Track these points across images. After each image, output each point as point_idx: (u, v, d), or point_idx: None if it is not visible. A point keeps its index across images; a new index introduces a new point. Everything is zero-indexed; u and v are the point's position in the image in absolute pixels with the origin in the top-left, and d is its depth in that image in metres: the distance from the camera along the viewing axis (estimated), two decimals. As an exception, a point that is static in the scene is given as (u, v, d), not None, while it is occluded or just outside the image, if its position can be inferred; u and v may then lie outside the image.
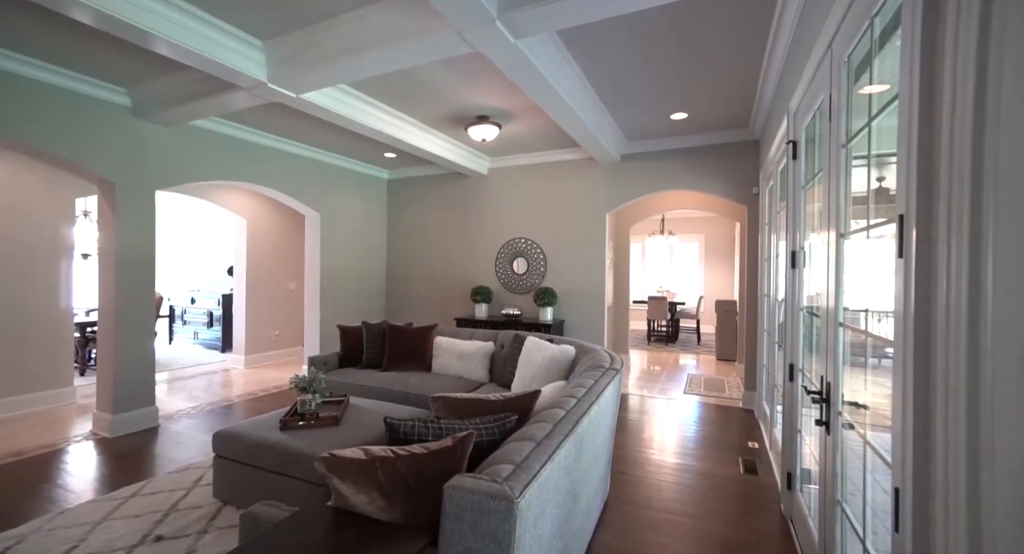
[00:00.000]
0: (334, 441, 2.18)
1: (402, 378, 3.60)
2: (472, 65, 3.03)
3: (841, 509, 1.56)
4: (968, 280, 0.76)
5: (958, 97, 0.80)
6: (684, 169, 4.65)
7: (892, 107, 1.17)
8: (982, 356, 0.73)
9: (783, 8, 2.33)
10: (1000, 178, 0.70)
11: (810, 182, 2.18)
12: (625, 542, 2.21)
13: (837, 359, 1.61)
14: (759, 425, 3.92)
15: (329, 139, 4.78)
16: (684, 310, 8.44)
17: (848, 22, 1.48)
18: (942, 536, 0.81)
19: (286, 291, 6.32)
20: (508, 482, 1.10)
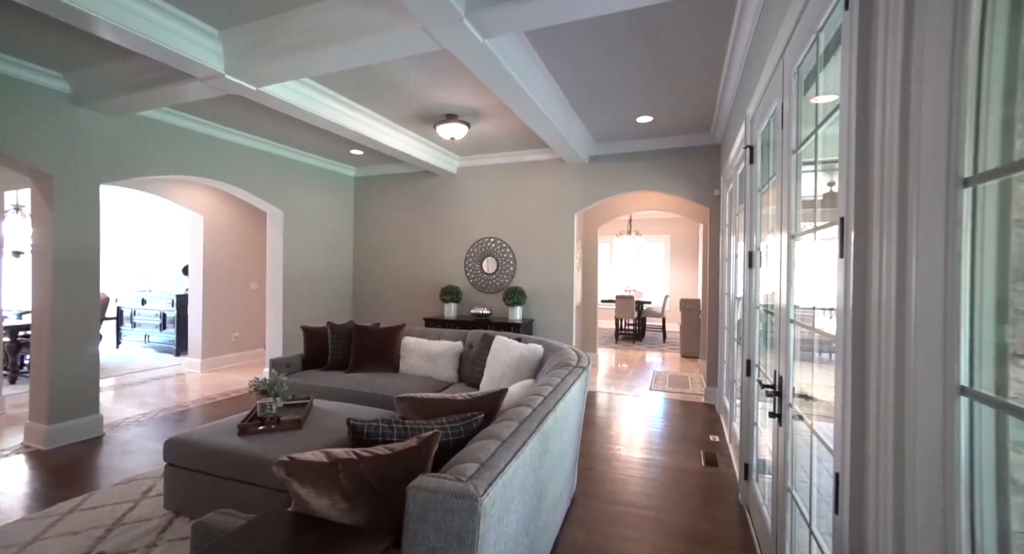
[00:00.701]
0: (296, 445, 2.12)
1: (368, 379, 3.54)
2: (441, 63, 3.00)
3: (791, 496, 1.65)
4: (896, 278, 0.81)
5: (887, 109, 0.86)
6: (650, 171, 4.78)
7: (835, 116, 1.24)
8: (907, 348, 0.79)
9: (740, 19, 2.43)
10: (921, 185, 0.76)
11: (765, 185, 2.29)
12: (591, 536, 2.25)
13: (789, 354, 1.69)
14: (720, 419, 4.07)
15: (293, 134, 4.64)
16: (650, 309, 8.66)
17: (797, 35, 1.56)
18: (873, 516, 0.87)
19: (247, 291, 6.08)
20: (472, 480, 1.10)
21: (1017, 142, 0.67)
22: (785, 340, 1.71)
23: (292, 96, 3.27)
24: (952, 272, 0.70)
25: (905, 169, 0.80)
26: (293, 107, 3.35)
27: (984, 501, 0.68)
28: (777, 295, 1.84)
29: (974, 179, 0.68)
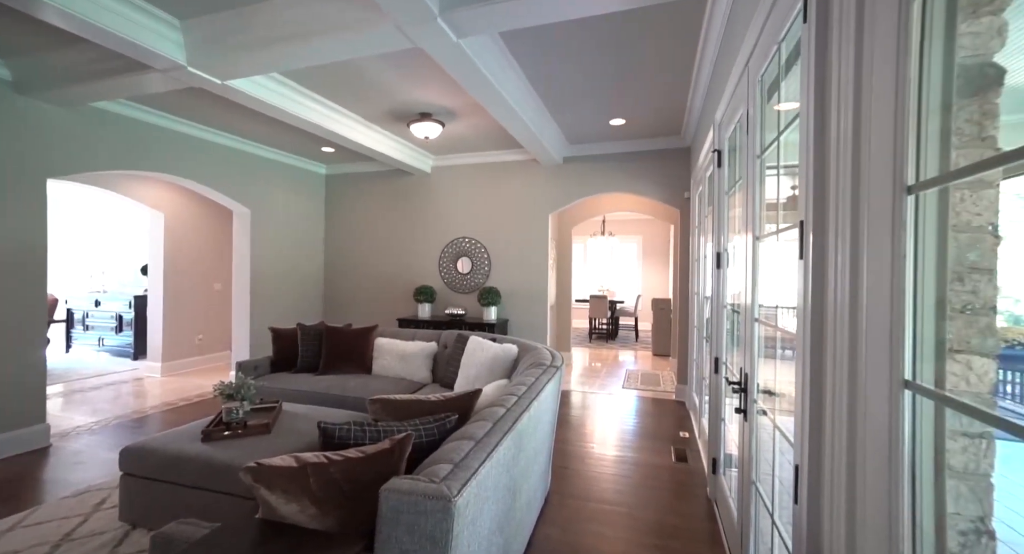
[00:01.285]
0: (264, 450, 2.05)
1: (340, 381, 3.47)
2: (415, 61, 2.97)
3: (756, 488, 1.71)
4: (850, 278, 0.86)
5: (841, 118, 0.91)
6: (623, 173, 4.86)
7: (796, 124, 1.30)
8: (859, 344, 0.83)
9: (708, 27, 2.51)
10: (871, 191, 0.80)
11: (732, 188, 2.37)
12: (565, 534, 2.27)
13: (754, 352, 1.76)
14: (690, 415, 4.19)
15: (261, 130, 4.50)
16: (623, 308, 8.81)
17: (760, 45, 1.62)
18: (828, 504, 0.92)
19: (211, 292, 5.85)
20: (446, 482, 1.10)
21: (954, 153, 0.72)
22: (750, 338, 1.78)
23: (260, 91, 3.17)
24: (898, 273, 0.75)
25: (858, 175, 0.84)
26: (260, 102, 3.25)
27: (924, 486, 0.72)
28: (743, 295, 1.91)
29: (916, 186, 0.72)
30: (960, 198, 0.80)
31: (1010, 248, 1.28)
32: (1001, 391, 2.53)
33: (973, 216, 0.81)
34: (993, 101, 0.80)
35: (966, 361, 0.81)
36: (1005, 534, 0.75)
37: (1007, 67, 0.79)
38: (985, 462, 0.80)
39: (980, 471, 0.80)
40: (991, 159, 0.60)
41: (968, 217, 0.81)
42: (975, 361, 0.81)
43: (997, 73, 0.79)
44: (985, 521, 0.81)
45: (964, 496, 0.81)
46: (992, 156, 0.59)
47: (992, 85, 0.80)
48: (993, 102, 0.80)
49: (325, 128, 3.86)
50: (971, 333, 0.82)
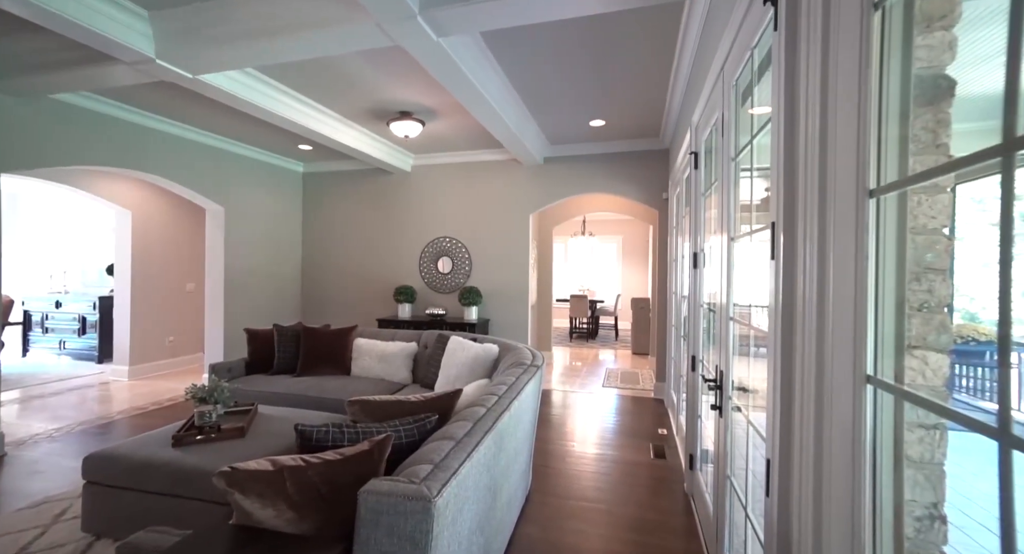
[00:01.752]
0: (239, 454, 2.01)
1: (318, 383, 3.41)
2: (394, 59, 2.95)
3: (730, 483, 1.76)
4: (818, 278, 0.89)
5: (809, 123, 0.94)
6: (603, 174, 4.92)
7: (768, 128, 1.34)
8: (826, 341, 0.87)
9: (686, 32, 2.56)
10: (837, 194, 0.84)
11: (708, 190, 2.42)
12: (545, 532, 2.29)
13: (728, 350, 1.81)
14: (668, 413, 4.27)
15: (235, 126, 4.38)
16: (603, 308, 8.91)
17: (734, 51, 1.67)
18: (797, 496, 0.96)
19: (183, 292, 5.67)
20: (426, 482, 1.10)
21: (911, 159, 0.75)
22: (725, 337, 1.82)
23: (234, 86, 3.09)
24: (861, 273, 0.78)
25: (824, 179, 0.88)
26: (235, 98, 3.17)
27: (883, 476, 0.76)
28: (718, 294, 1.96)
29: (877, 190, 0.76)
30: (917, 202, 0.85)
31: (965, 249, 1.35)
32: (958, 384, 2.66)
33: (929, 219, 0.86)
34: (946, 110, 0.85)
35: (923, 357, 0.86)
36: (955, 518, 0.79)
37: (957, 79, 0.84)
38: (939, 452, 0.85)
39: (934, 460, 0.85)
40: (943, 165, 0.63)
41: (924, 220, 0.85)
42: (931, 356, 0.86)
43: (949, 84, 0.83)
44: (938, 507, 0.85)
45: (920, 484, 0.85)
46: (944, 162, 0.63)
47: (945, 96, 0.85)
48: (946, 111, 0.85)
49: (302, 125, 3.79)
50: (927, 330, 0.86)
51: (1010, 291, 0.50)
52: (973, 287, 1.67)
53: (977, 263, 1.29)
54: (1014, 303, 0.53)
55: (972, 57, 1.04)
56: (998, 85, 0.52)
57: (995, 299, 0.52)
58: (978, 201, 1.54)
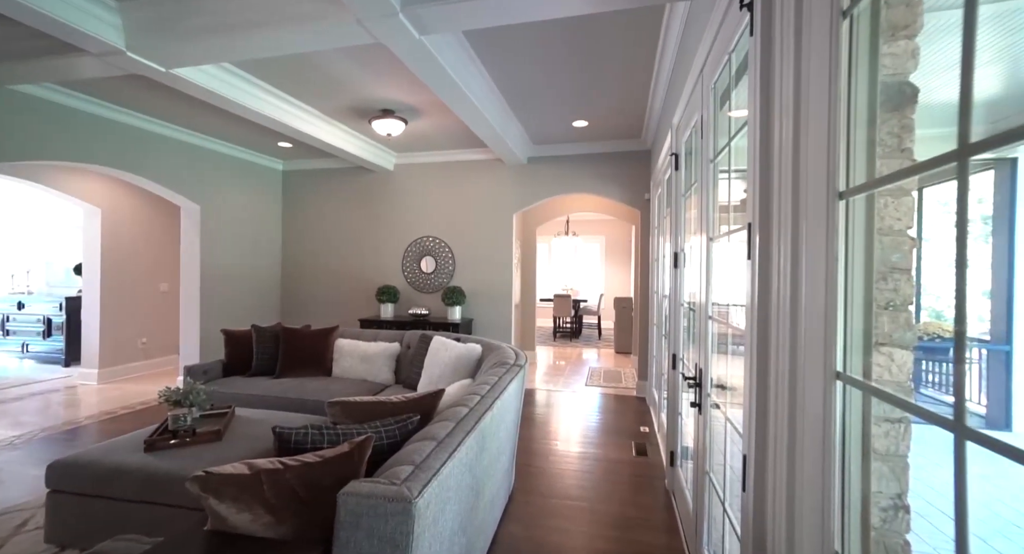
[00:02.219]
0: (215, 458, 1.96)
1: (298, 384, 3.36)
2: (377, 56, 2.91)
3: (709, 478, 1.79)
4: (791, 277, 0.92)
5: (783, 126, 0.97)
6: (586, 174, 4.95)
7: (745, 130, 1.37)
8: (799, 339, 0.89)
9: (666, 34, 2.60)
10: (809, 196, 0.86)
11: (688, 191, 2.46)
12: (528, 530, 2.30)
13: (707, 348, 1.84)
14: (650, 411, 4.32)
15: (212, 122, 4.27)
16: (587, 307, 8.97)
17: (713, 54, 1.70)
18: (771, 490, 0.98)
19: (156, 293, 5.51)
20: (407, 483, 1.09)
21: (878, 162, 0.78)
22: (704, 335, 1.86)
23: (210, 81, 3.01)
24: (831, 273, 0.80)
25: (797, 181, 0.90)
26: (211, 93, 3.09)
27: (852, 468, 0.79)
28: (698, 293, 1.99)
29: (846, 192, 0.79)
30: (884, 204, 0.88)
31: (932, 250, 1.40)
32: (925, 379, 2.77)
33: (894, 221, 0.89)
34: (909, 116, 0.88)
35: (889, 353, 0.89)
36: (919, 506, 0.82)
37: (921, 86, 0.87)
38: (903, 444, 0.88)
39: (899, 453, 0.88)
40: (906, 169, 0.66)
41: (891, 222, 0.88)
42: (896, 353, 0.89)
43: (912, 91, 0.87)
44: (902, 497, 0.89)
45: (885, 476, 0.88)
46: (907, 166, 0.65)
47: (909, 102, 0.88)
48: (909, 117, 0.88)
49: (282, 123, 3.72)
50: (893, 327, 0.89)
51: (965, 290, 0.52)
52: (939, 287, 1.74)
53: (943, 263, 1.34)
54: (969, 302, 0.55)
55: (935, 66, 1.08)
56: (956, 93, 0.54)
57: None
58: (943, 204, 1.60)
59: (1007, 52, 2.45)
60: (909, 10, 0.80)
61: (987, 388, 3.84)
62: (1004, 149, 1.63)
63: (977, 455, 0.52)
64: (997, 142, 0.47)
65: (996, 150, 0.81)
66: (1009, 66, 2.60)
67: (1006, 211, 3.72)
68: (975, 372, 3.92)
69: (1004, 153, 3.64)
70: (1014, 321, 3.69)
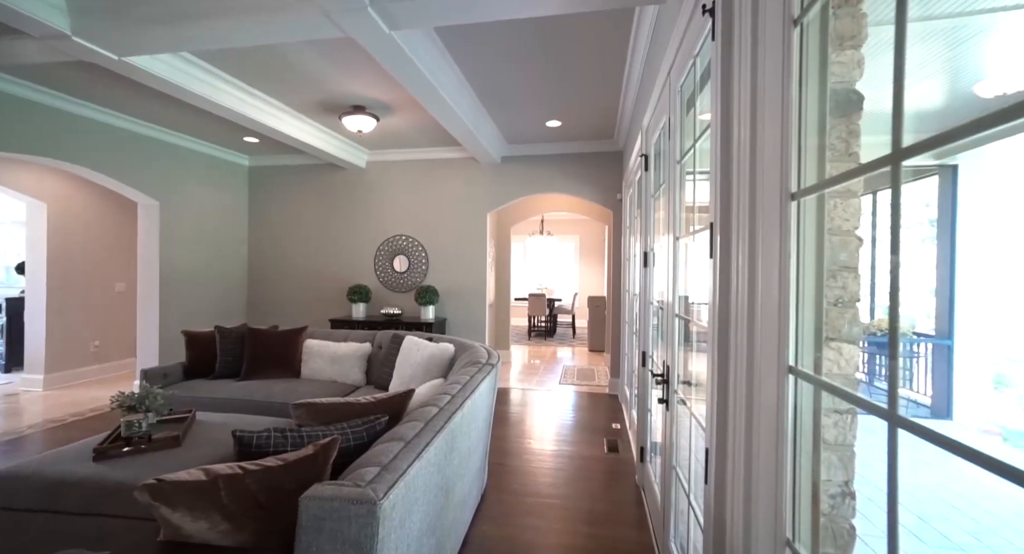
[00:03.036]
0: (172, 465, 1.87)
1: (265, 387, 3.26)
2: (347, 51, 2.85)
3: (676, 472, 1.84)
4: (748, 275, 0.95)
5: (741, 130, 1.00)
6: (559, 174, 4.99)
7: (708, 133, 1.41)
8: (755, 335, 0.92)
9: (636, 36, 2.65)
10: (764, 197, 0.89)
11: (657, 192, 2.52)
12: (501, 529, 2.30)
13: (674, 345, 1.89)
14: (622, 408, 4.40)
15: (171, 115, 4.09)
16: (561, 306, 9.05)
17: (679, 58, 1.74)
18: (731, 482, 1.01)
19: (111, 293, 5.24)
20: (372, 485, 1.07)
21: (828, 165, 0.82)
22: (671, 332, 1.90)
23: (168, 72, 2.88)
24: (784, 270, 0.84)
25: (754, 183, 0.94)
26: (170, 84, 2.96)
27: (803, 458, 0.82)
28: (665, 292, 2.04)
29: (798, 193, 0.82)
30: (833, 205, 0.92)
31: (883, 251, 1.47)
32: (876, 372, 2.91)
33: (843, 221, 0.93)
34: (856, 122, 0.92)
35: (838, 348, 0.93)
36: (867, 491, 0.87)
37: (868, 96, 0.92)
38: (850, 434, 0.93)
39: (846, 442, 0.93)
40: (850, 171, 0.69)
41: (839, 222, 0.93)
42: (845, 347, 0.93)
43: (858, 98, 0.91)
44: (849, 484, 0.93)
45: (834, 464, 0.93)
46: (850, 169, 0.68)
47: (855, 108, 0.92)
48: (856, 123, 0.92)
49: (247, 117, 3.60)
50: (842, 323, 0.94)
51: (899, 288, 0.55)
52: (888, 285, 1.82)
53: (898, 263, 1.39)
54: (916, 299, 0.58)
55: (883, 79, 1.13)
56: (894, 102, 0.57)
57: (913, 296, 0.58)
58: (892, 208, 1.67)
59: (950, 64, 2.60)
60: (854, 21, 0.84)
61: (932, 380, 4.09)
62: (947, 157, 1.77)
63: (920, 443, 0.55)
64: (926, 146, 0.50)
65: (939, 158, 0.86)
66: (950, 79, 2.76)
67: (948, 214, 3.97)
68: (921, 365, 4.17)
69: (946, 160, 3.87)
70: (955, 318, 3.95)
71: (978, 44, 2.39)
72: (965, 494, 2.61)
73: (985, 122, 0.44)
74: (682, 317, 1.86)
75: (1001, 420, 3.83)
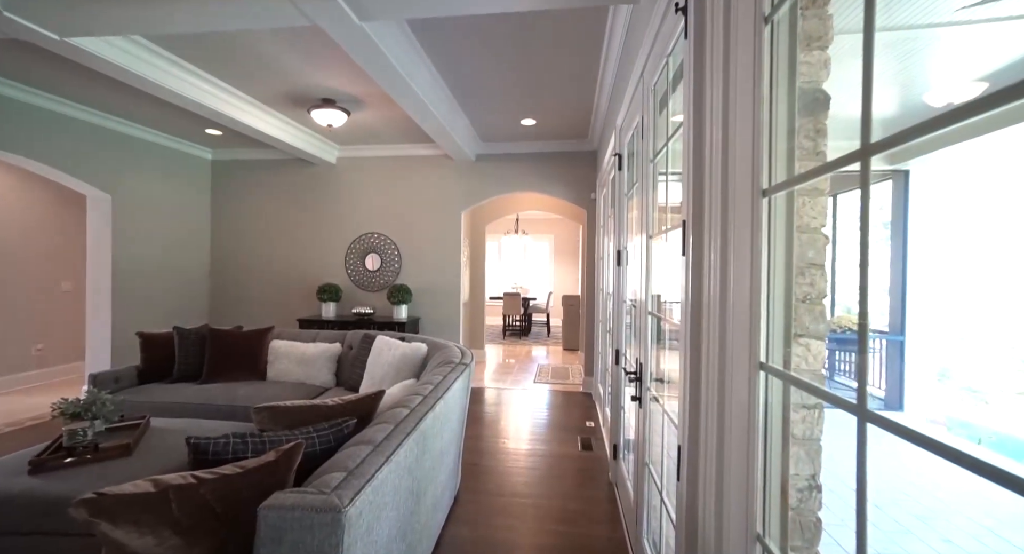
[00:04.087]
0: (121, 476, 1.76)
1: (228, 390, 3.11)
2: (315, 41, 2.75)
3: (648, 469, 1.85)
4: (720, 272, 0.96)
5: (713, 128, 1.00)
6: (534, 173, 4.98)
7: (680, 132, 1.42)
8: (727, 332, 0.93)
9: (611, 35, 2.66)
10: (736, 194, 0.90)
11: (631, 191, 2.54)
12: (474, 530, 2.27)
13: (647, 343, 1.90)
14: (595, 406, 4.43)
15: (125, 103, 3.85)
16: (536, 305, 9.07)
17: (652, 57, 1.75)
18: (703, 479, 1.02)
19: (57, 293, 4.92)
20: (337, 491, 1.02)
21: (796, 164, 0.83)
22: (644, 330, 1.91)
23: (119, 56, 2.71)
24: (756, 267, 0.84)
25: (726, 180, 0.94)
26: (122, 70, 2.78)
27: (772, 453, 0.83)
28: (638, 290, 2.05)
29: (769, 190, 0.82)
30: (801, 203, 0.93)
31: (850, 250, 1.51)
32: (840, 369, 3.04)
33: (811, 219, 0.94)
34: (823, 122, 0.94)
35: (806, 344, 0.94)
36: (833, 485, 0.89)
37: (835, 98, 0.94)
38: (817, 429, 0.94)
39: (813, 436, 0.94)
40: (819, 168, 0.69)
41: (807, 219, 0.94)
42: (812, 344, 0.95)
43: (825, 98, 0.93)
44: (815, 478, 0.95)
45: (802, 459, 0.94)
46: (820, 165, 0.69)
47: (822, 108, 0.94)
48: (823, 122, 0.94)
49: (208, 107, 3.43)
50: (809, 320, 0.95)
51: (867, 286, 0.56)
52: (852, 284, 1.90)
53: (855, 263, 1.43)
54: (871, 297, 0.59)
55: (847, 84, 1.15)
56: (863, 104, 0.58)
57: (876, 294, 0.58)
58: (855, 209, 1.72)
59: (901, 76, 2.72)
60: (821, 23, 0.86)
61: (885, 374, 4.30)
62: (899, 162, 1.82)
63: (874, 433, 0.56)
64: (895, 141, 0.50)
65: (893, 162, 0.88)
66: (902, 90, 2.90)
67: (901, 217, 4.18)
68: (876, 360, 4.38)
69: (899, 165, 4.07)
70: (907, 314, 4.16)
71: (927, 56, 2.51)
72: (915, 481, 2.75)
73: (949, 117, 0.44)
74: (655, 315, 1.88)
75: (946, 411, 4.06)
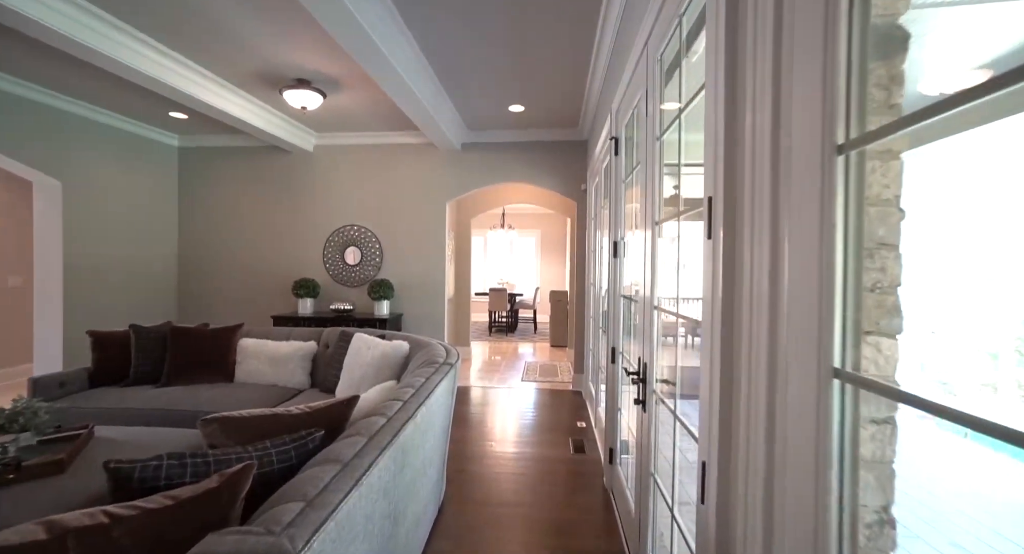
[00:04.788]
0: (46, 499, 1.50)
1: (190, 393, 2.85)
2: (288, 13, 2.50)
3: (654, 480, 1.68)
4: (769, 255, 0.77)
5: (757, 80, 0.82)
6: (522, 162, 4.78)
7: (697, 99, 1.24)
8: (779, 329, 0.74)
9: (607, 9, 2.46)
10: (795, 151, 0.71)
11: (629, 176, 2.35)
12: (460, 546, 2.07)
13: (653, 341, 1.72)
14: (587, 405, 4.26)
15: (74, 79, 3.51)
16: (522, 301, 8.89)
17: (660, 22, 1.56)
18: (742, 505, 0.84)
19: (2, 288, 4.52)
20: (290, 530, 0.81)
21: (866, 119, 0.64)
22: (649, 327, 1.73)
23: (60, 21, 2.40)
24: (827, 247, 0.66)
25: (777, 137, 0.75)
26: (69, 41, 2.48)
27: (846, 480, 0.65)
28: (642, 282, 1.87)
29: (847, 145, 0.64)
30: (871, 169, 0.75)
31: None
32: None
33: (882, 188, 0.76)
34: (899, 67, 0.76)
35: (876, 343, 0.76)
36: (900, 515, 0.71)
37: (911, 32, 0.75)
38: (889, 449, 0.77)
39: (885, 458, 0.76)
40: (938, 105, 0.51)
41: (878, 189, 0.76)
42: (883, 342, 0.77)
43: (904, 36, 0.74)
44: (888, 510, 0.77)
45: (871, 486, 0.76)
46: (940, 101, 0.51)
47: (898, 50, 0.76)
48: (899, 68, 0.76)
49: (170, 86, 3.13)
50: (879, 313, 0.77)
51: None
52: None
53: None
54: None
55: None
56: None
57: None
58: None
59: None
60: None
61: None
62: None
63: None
64: None
65: None
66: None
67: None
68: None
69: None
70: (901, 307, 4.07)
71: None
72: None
73: None
74: (662, 310, 1.70)
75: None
